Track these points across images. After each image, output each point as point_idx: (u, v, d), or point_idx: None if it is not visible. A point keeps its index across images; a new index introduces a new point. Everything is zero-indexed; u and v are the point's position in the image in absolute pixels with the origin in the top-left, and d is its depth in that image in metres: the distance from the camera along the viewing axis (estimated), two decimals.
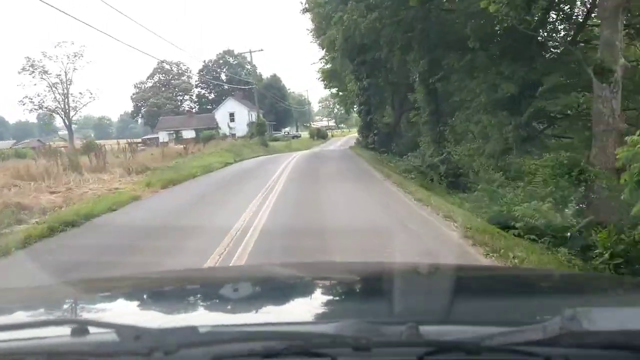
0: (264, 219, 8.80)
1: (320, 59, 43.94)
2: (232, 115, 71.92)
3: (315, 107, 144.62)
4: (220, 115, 72.15)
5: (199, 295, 1.76)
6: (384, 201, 10.71)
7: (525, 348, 0.89)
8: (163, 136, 71.74)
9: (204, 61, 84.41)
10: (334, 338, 0.93)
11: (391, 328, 0.97)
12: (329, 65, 37.43)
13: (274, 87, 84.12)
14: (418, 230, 7.71)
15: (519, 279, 2.01)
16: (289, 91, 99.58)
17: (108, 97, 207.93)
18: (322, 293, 1.77)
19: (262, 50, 45.76)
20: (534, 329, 0.90)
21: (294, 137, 79.87)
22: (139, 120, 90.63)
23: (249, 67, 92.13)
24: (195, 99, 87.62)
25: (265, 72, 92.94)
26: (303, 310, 1.48)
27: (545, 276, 2.26)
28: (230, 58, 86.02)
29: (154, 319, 1.38)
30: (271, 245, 7.02)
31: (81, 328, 0.98)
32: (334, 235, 7.26)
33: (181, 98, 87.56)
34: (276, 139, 71.06)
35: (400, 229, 7.76)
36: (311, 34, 38.80)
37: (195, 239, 7.69)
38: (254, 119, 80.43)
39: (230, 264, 5.87)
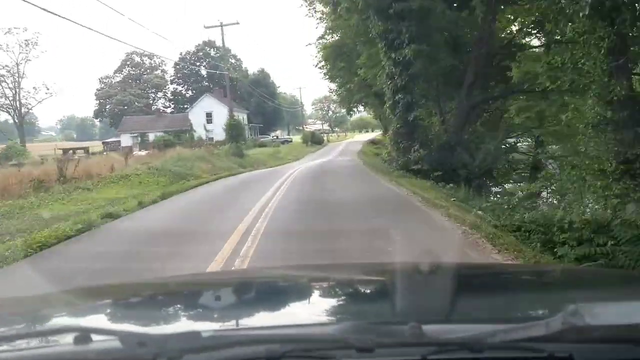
0: None
1: (318, 39, 31.40)
2: (209, 115, 58.80)
3: (309, 109, 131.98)
4: (195, 115, 58.97)
5: (201, 300, 1.70)
6: None
7: (528, 344, 0.87)
8: (126, 139, 58.67)
9: (181, 53, 71.21)
10: (337, 340, 0.91)
11: (394, 328, 0.96)
12: (334, 38, 24.70)
13: (262, 84, 71.00)
14: None
15: (521, 275, 2.00)
16: (279, 91, 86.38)
17: (83, 95, 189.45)
18: (324, 295, 1.71)
19: (237, 23, 31.85)
20: (536, 325, 0.89)
21: (284, 141, 66.93)
22: (104, 121, 76.92)
23: (233, 60, 79.54)
24: (171, 97, 74.34)
25: (254, 69, 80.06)
26: (305, 313, 1.44)
27: (546, 272, 2.28)
28: (212, 50, 72.89)
29: (157, 325, 1.33)
30: None
31: (84, 336, 0.94)
32: None
33: (153, 95, 74.30)
34: (262, 145, 58.34)
35: None
36: (306, 2, 26.71)
37: None
38: (239, 119, 67.62)
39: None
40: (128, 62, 73.43)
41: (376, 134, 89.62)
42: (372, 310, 1.40)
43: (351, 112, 50.17)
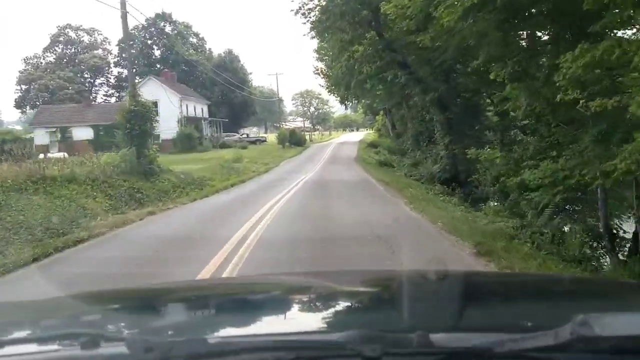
0: None
1: None
2: (154, 105, 43.44)
3: (289, 106, 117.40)
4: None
5: (208, 306, 1.65)
6: None
7: (536, 354, 0.85)
8: (42, 136, 43.05)
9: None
10: (344, 348, 0.88)
11: (401, 336, 0.95)
12: None
13: (229, 68, 55.61)
14: None
15: (529, 284, 1.94)
16: (253, 83, 70.81)
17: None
18: (331, 302, 1.64)
19: None
20: (545, 335, 0.87)
21: (255, 141, 51.93)
22: (27, 112, 60.39)
23: (194, 39, 63.96)
24: (114, 83, 58.42)
25: (221, 50, 63.42)
26: (312, 320, 1.41)
27: (555, 282, 2.25)
28: (167, 25, 57.29)
29: (164, 331, 1.31)
30: None
31: (92, 341, 0.93)
32: None
33: (92, 81, 58.28)
34: (225, 145, 43.47)
35: None
36: None
37: None
38: (195, 112, 51.96)
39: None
40: (60, 38, 57.30)
41: (364, 133, 75.03)
42: (380, 318, 1.36)
43: (346, 102, 35.45)
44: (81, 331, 1.09)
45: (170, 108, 42.69)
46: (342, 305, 1.64)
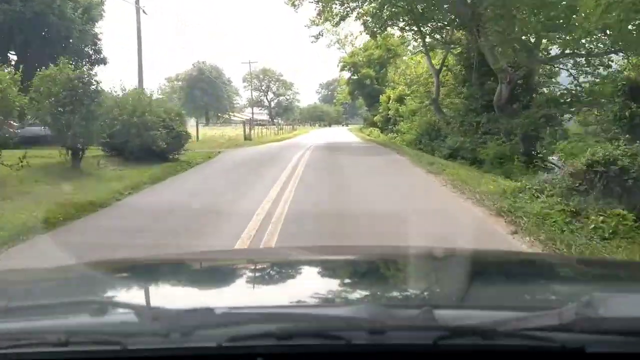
0: None
1: None
2: None
3: (244, 93, 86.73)
4: None
5: (216, 277, 1.70)
6: None
7: (540, 334, 0.86)
8: None
9: None
10: (349, 321, 0.91)
11: (406, 312, 0.96)
12: None
13: None
14: None
15: (536, 264, 1.95)
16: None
17: None
18: (338, 276, 1.68)
19: None
20: (549, 314, 0.88)
21: None
22: None
23: None
24: None
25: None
26: (319, 293, 1.39)
27: (561, 262, 2.25)
28: None
29: (172, 300, 1.32)
30: None
31: (101, 309, 0.95)
32: None
33: None
34: None
35: None
36: None
37: None
38: None
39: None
40: None
41: (346, 129, 55.60)
42: (385, 293, 1.38)
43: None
44: (90, 299, 1.10)
45: None
46: (348, 279, 1.62)
